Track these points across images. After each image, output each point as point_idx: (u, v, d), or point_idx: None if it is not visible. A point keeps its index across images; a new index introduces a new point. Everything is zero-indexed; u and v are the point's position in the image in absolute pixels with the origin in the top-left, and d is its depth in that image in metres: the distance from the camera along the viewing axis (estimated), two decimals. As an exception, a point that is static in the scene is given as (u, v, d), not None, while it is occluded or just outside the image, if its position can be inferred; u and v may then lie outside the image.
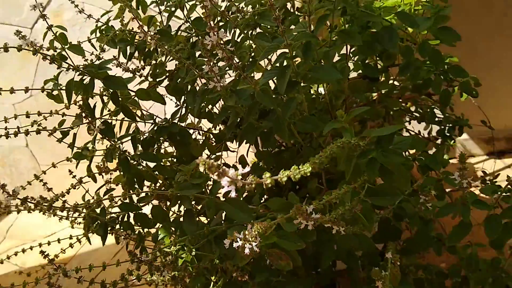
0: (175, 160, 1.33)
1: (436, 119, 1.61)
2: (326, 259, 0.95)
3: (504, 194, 0.89)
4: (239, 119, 1.11)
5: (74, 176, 1.22)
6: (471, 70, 2.13)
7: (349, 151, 0.79)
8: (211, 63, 0.87)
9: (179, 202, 1.09)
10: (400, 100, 1.25)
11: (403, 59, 1.04)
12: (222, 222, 0.94)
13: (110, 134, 1.04)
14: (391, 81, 1.25)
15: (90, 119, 1.04)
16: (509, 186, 0.88)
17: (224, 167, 0.53)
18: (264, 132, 1.03)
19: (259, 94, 0.86)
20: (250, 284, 0.89)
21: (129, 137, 1.15)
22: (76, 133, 1.12)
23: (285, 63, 0.87)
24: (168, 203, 1.21)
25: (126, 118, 1.17)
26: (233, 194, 0.52)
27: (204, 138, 1.32)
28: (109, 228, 1.13)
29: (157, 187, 1.27)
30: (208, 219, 1.01)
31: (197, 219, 0.97)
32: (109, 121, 1.08)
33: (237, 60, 1.13)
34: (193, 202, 0.95)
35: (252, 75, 1.10)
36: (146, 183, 1.24)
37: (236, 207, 0.89)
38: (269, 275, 0.93)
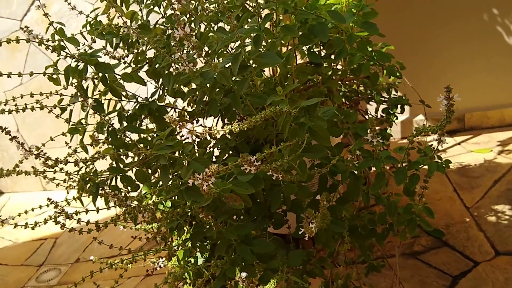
0: (155, 135, 1.58)
1: (382, 99, 1.89)
2: (275, 204, 1.21)
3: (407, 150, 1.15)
4: (206, 97, 1.37)
5: (69, 147, 1.46)
6: (423, 54, 2.41)
7: (286, 117, 1.04)
8: (181, 51, 1.12)
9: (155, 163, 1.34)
10: (341, 82, 1.51)
11: (337, 48, 1.30)
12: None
13: (100, 110, 1.28)
14: (335, 66, 1.51)
15: (84, 98, 1.27)
16: (411, 146, 1.15)
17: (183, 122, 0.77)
18: (225, 107, 1.28)
19: (219, 75, 1.12)
20: (213, 223, 1.15)
21: (116, 113, 1.39)
22: (72, 110, 1.36)
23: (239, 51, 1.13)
24: (149, 170, 1.46)
25: (113, 98, 1.41)
26: (189, 140, 0.77)
27: (179, 114, 1.57)
28: (99, 189, 1.38)
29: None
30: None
31: (171, 175, 1.22)
32: (99, 99, 1.32)
33: (207, 49, 1.39)
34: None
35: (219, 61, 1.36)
36: (130, 154, 1.49)
37: (202, 164, 1.14)
38: (229, 217, 1.19)
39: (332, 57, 1.48)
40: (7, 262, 2.75)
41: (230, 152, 1.43)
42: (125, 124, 1.45)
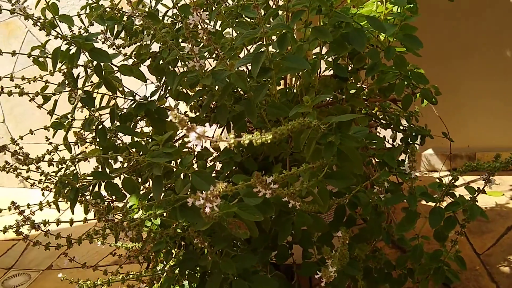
0: (150, 140, 1.39)
1: (401, 127, 1.72)
2: (283, 235, 1.02)
3: (448, 189, 0.98)
4: (213, 103, 1.19)
5: (50, 143, 1.27)
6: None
7: (311, 133, 0.86)
8: (192, 44, 0.94)
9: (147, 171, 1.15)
10: (366, 102, 1.34)
11: (371, 61, 1.12)
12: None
13: (90, 104, 1.10)
14: (359, 84, 1.34)
15: (72, 87, 1.09)
16: (452, 182, 0.97)
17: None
18: (235, 115, 1.10)
19: (234, 76, 0.94)
20: (208, 251, 0.95)
21: (108, 110, 1.20)
22: (57, 100, 1.17)
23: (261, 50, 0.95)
24: (140, 179, 1.27)
25: (107, 92, 1.23)
26: (198, 148, 0.59)
27: (179, 119, 1.39)
28: (79, 195, 1.19)
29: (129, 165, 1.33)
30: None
31: (165, 188, 1.03)
32: (91, 92, 1.14)
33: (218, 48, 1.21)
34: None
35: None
36: (119, 158, 1.29)
37: (203, 179, 0.96)
38: (227, 246, 1.00)
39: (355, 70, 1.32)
40: (-27, 262, 2.53)
41: (233, 168, 1.24)
42: (117, 123, 1.26)
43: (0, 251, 2.61)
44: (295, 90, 1.22)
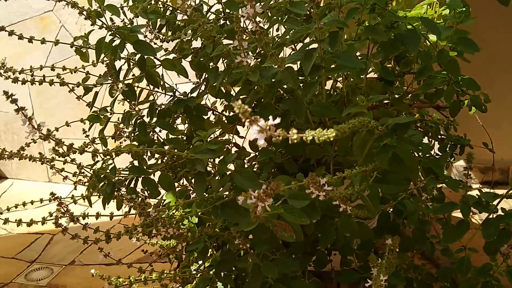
0: (184, 138, 1.36)
1: (439, 136, 1.66)
2: (325, 241, 0.98)
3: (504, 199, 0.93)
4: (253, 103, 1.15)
5: (87, 136, 1.25)
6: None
7: (365, 134, 0.82)
8: (241, 38, 0.91)
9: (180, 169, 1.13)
10: (411, 107, 1.29)
11: (422, 63, 1.08)
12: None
13: (132, 97, 1.08)
14: (406, 88, 1.29)
15: (114, 80, 1.07)
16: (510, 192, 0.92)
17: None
18: (279, 115, 1.06)
19: (284, 73, 0.90)
20: (249, 254, 0.92)
21: (148, 104, 1.18)
22: (97, 92, 1.15)
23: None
24: (175, 176, 1.24)
25: (145, 88, 1.21)
26: (261, 143, 0.55)
27: (216, 118, 1.36)
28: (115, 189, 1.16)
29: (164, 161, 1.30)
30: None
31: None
32: (133, 85, 1.11)
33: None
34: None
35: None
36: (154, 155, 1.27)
37: (245, 178, 0.92)
38: (268, 249, 0.96)
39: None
40: (-3, 253, 2.53)
41: (271, 169, 1.21)
42: (155, 119, 1.24)
43: (24, 244, 2.61)
44: (338, 91, 1.18)
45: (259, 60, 1.08)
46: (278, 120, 0.56)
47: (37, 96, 3.05)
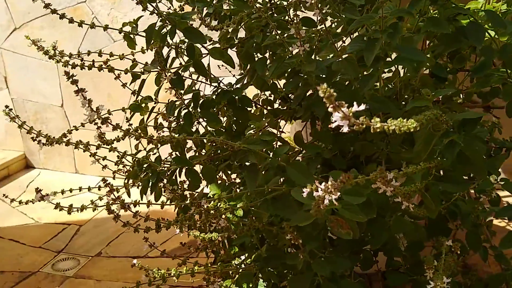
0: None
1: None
2: (377, 240, 0.94)
3: None
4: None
5: (130, 124, 1.23)
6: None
7: (430, 130, 0.78)
8: (298, 26, 0.88)
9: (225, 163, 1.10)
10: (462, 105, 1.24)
11: (483, 58, 1.03)
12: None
13: (180, 86, 1.05)
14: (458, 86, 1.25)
15: (162, 68, 1.04)
16: None
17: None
18: (331, 108, 1.02)
19: (343, 62, 0.87)
20: (300, 250, 0.89)
21: (191, 94, 1.16)
22: (144, 80, 1.13)
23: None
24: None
25: (189, 78, 1.18)
26: (345, 130, 0.52)
27: (259, 112, 1.33)
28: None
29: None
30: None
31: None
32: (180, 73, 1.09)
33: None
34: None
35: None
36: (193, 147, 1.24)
37: (299, 171, 0.89)
38: (319, 246, 0.93)
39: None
40: (25, 242, 2.54)
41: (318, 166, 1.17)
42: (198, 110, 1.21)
43: (51, 234, 2.62)
44: (390, 86, 1.14)
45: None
46: (362, 107, 0.53)
47: (66, 87, 3.06)
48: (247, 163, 0.90)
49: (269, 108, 1.33)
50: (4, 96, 3.28)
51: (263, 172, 1.01)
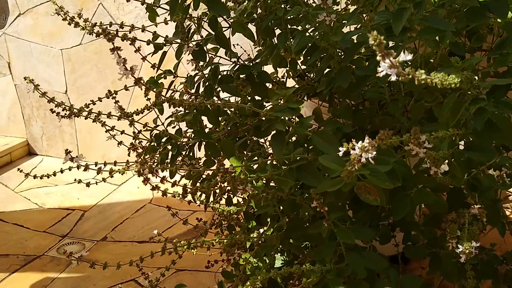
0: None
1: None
2: (399, 211, 0.95)
3: None
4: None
5: (148, 99, 1.23)
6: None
7: (459, 97, 0.79)
8: (325, -2, 0.88)
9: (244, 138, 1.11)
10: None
11: (505, 34, 1.04)
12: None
13: (202, 58, 1.05)
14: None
15: (184, 39, 1.04)
16: None
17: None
18: (353, 82, 1.03)
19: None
20: (325, 219, 0.89)
21: (211, 67, 1.16)
22: (165, 52, 1.13)
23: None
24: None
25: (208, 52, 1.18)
26: (393, 78, 0.53)
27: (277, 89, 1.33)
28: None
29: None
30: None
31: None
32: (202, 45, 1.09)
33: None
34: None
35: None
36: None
37: (325, 140, 0.90)
38: (343, 216, 0.93)
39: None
40: (29, 226, 2.53)
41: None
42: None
43: (55, 218, 2.61)
44: (408, 63, 1.14)
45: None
46: (410, 56, 0.53)
47: (70, 73, 3.05)
48: (273, 132, 0.90)
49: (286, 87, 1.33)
50: (7, 82, 3.27)
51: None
